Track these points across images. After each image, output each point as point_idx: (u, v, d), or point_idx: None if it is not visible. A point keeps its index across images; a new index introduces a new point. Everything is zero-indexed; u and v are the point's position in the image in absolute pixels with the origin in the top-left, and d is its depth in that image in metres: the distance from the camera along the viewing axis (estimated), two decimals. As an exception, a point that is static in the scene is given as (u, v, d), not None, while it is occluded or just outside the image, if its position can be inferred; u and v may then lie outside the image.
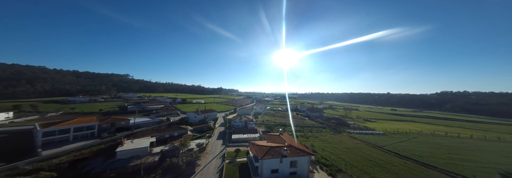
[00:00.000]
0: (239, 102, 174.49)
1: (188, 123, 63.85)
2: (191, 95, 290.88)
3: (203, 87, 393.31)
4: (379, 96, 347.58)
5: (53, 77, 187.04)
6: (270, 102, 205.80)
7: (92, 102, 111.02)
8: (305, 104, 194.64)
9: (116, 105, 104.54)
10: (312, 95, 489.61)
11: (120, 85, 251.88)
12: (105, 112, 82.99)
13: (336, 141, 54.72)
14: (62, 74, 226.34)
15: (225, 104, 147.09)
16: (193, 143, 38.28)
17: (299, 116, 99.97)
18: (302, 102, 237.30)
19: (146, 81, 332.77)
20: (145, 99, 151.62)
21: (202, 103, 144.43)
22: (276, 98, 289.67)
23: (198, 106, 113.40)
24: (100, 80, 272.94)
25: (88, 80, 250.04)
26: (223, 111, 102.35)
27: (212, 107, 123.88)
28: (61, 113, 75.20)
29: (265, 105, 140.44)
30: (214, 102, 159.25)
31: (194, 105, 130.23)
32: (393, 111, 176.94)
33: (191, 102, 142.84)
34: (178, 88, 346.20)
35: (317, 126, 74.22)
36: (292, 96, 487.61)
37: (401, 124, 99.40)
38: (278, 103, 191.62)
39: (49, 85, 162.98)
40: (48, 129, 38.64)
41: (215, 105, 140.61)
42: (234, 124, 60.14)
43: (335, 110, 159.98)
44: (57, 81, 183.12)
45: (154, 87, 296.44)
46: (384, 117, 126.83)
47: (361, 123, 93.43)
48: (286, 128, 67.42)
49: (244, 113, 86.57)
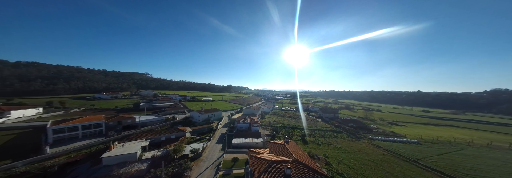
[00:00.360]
0: (247, 100, 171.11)
1: (191, 123, 62.19)
2: (201, 92, 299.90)
3: (214, 85, 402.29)
4: (408, 94, 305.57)
5: (85, 76, 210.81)
6: (280, 100, 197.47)
7: (113, 99, 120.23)
8: (317, 103, 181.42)
9: (132, 102, 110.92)
10: (325, 93, 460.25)
11: (139, 83, 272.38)
12: (120, 108, 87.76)
13: (355, 150, 46.11)
14: (93, 73, 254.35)
15: (233, 102, 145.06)
16: (188, 147, 35.12)
17: (311, 117, 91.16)
18: (314, 101, 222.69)
19: (162, 79, 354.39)
20: (159, 96, 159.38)
21: (210, 101, 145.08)
22: (286, 96, 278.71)
23: (204, 104, 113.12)
24: (123, 78, 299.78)
25: (114, 79, 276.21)
26: (229, 110, 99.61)
27: (220, 105, 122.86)
28: (83, 109, 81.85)
29: (274, 103, 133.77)
30: (222, 100, 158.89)
31: (202, 102, 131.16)
32: (425, 113, 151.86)
33: (200, 100, 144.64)
34: (190, 85, 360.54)
35: (332, 130, 65.34)
36: (304, 94, 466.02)
37: (439, 129, 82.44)
38: (288, 102, 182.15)
39: (81, 83, 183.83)
40: (57, 126, 39.93)
41: (223, 103, 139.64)
42: (237, 126, 55.93)
43: (352, 110, 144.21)
44: (88, 80, 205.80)
45: (168, 85, 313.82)
46: (414, 119, 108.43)
47: (386, 127, 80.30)
48: (295, 131, 60.64)
49: (250, 112, 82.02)
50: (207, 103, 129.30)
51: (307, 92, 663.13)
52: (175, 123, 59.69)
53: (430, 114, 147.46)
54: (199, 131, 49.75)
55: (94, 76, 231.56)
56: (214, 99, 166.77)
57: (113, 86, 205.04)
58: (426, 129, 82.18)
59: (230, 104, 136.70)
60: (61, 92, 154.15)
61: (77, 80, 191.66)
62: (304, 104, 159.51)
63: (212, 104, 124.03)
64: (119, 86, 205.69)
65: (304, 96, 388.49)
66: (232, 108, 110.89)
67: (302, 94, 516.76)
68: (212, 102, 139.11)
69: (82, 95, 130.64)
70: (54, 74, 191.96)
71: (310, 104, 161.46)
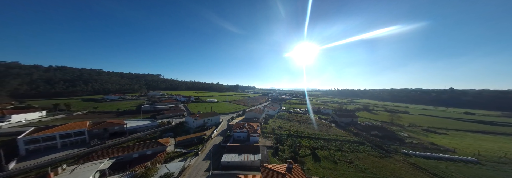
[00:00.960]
0: (253, 101, 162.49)
1: (185, 129, 55.72)
2: (208, 92, 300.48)
3: (221, 85, 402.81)
4: (438, 93, 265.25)
5: (102, 78, 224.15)
6: (287, 100, 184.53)
7: (120, 100, 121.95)
8: (330, 104, 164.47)
9: (137, 103, 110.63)
10: (338, 92, 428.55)
11: (150, 84, 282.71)
12: (122, 111, 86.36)
13: (387, 172, 34.12)
14: (110, 76, 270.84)
15: (237, 103, 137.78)
16: (163, 169, 27.61)
17: (323, 121, 78.68)
18: (326, 101, 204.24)
19: (172, 80, 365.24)
20: (166, 97, 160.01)
21: (214, 102, 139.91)
22: (294, 96, 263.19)
23: (206, 106, 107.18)
24: (137, 80, 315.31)
25: (128, 80, 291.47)
26: (231, 112, 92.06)
27: (223, 106, 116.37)
28: (86, 111, 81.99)
29: (280, 105, 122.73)
30: (227, 101, 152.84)
31: (205, 104, 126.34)
32: (468, 116, 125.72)
33: (205, 101, 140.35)
34: (198, 86, 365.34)
35: (351, 140, 53.04)
36: (314, 93, 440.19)
37: (496, 139, 63.38)
38: (297, 102, 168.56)
39: (98, 85, 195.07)
40: (29, 137, 36.02)
41: (227, 104, 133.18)
42: (234, 135, 47.52)
43: (372, 112, 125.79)
44: (105, 82, 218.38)
45: (177, 86, 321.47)
46: (456, 125, 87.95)
47: (420, 135, 64.46)
48: (303, 140, 50.02)
49: (252, 116, 73.18)
50: (209, 104, 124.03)
51: (318, 90, 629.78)
52: (166, 130, 53.70)
53: (475, 116, 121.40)
54: (187, 141, 42.48)
55: (110, 78, 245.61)
56: (219, 99, 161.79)
57: (126, 87, 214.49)
58: (478, 138, 63.88)
59: (234, 105, 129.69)
60: (79, 93, 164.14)
61: (95, 82, 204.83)
62: (315, 105, 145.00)
63: (216, 105, 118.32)
64: (131, 87, 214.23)
65: (314, 95, 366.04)
66: (235, 109, 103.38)
67: (312, 92, 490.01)
68: (216, 103, 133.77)
69: (93, 96, 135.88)
70: (76, 77, 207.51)
71: (321, 105, 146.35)
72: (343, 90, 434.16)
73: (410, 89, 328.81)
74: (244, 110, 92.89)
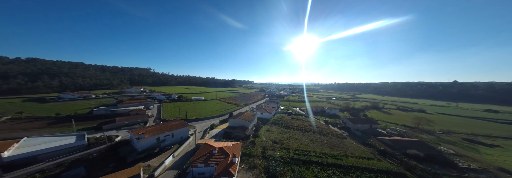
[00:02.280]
0: (247, 99, 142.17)
1: (129, 151, 35.48)
2: (202, 88, 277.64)
3: (216, 80, 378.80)
4: (445, 86, 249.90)
5: (74, 72, 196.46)
6: (286, 97, 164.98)
7: (81, 99, 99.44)
8: (333, 101, 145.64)
9: (99, 104, 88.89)
10: (338, 86, 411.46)
11: (135, 79, 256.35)
12: (64, 116, 64.67)
13: None
14: (87, 69, 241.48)
15: (228, 102, 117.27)
16: None
17: (332, 129, 59.69)
18: (328, 97, 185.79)
19: (162, 74, 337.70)
20: (144, 94, 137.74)
21: (201, 100, 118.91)
22: (293, 91, 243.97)
23: (186, 107, 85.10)
24: (122, 74, 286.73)
25: (110, 75, 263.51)
26: (213, 117, 71.89)
27: (208, 107, 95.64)
28: (7, 118, 59.87)
29: (278, 104, 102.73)
30: (216, 98, 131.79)
31: (190, 103, 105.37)
32: (493, 114, 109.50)
33: (189, 99, 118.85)
34: (191, 81, 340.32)
35: (381, 169, 34.11)
36: (313, 88, 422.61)
37: None
38: (296, 99, 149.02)
39: (68, 79, 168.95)
40: None
41: (215, 103, 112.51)
42: (194, 171, 27.52)
43: (383, 110, 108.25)
44: (78, 76, 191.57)
45: (167, 81, 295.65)
46: (491, 128, 70.34)
47: (469, 150, 46.50)
48: (309, 171, 30.96)
49: (239, 124, 53.27)
50: (193, 104, 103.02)
51: (318, 84, 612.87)
52: (103, 156, 33.19)
53: (502, 115, 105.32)
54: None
55: (86, 72, 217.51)
56: (208, 97, 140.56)
57: (103, 82, 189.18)
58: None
59: (223, 104, 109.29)
60: (42, 90, 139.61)
61: (65, 77, 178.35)
62: (317, 103, 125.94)
63: (200, 106, 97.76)
64: (109, 83, 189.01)
65: (314, 89, 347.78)
66: (222, 112, 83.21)
67: (312, 87, 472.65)
68: (202, 102, 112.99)
69: (44, 95, 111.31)
70: (41, 71, 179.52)
71: (324, 103, 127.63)
72: (343, 83, 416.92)
73: (415, 82, 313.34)
74: (231, 113, 72.41)
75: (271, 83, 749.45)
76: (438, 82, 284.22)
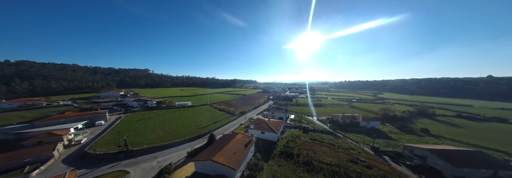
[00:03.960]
0: (246, 102, 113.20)
1: None
2: (199, 89, 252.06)
3: (216, 80, 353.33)
4: (489, 82, 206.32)
5: (54, 75, 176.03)
6: (295, 98, 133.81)
7: (22, 110, 74.16)
8: (356, 104, 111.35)
9: (43, 115, 63.54)
10: (349, 84, 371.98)
11: (125, 81, 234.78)
12: None
13: None
14: (75, 71, 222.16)
15: (221, 108, 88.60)
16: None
17: (394, 168, 29.18)
18: (348, 98, 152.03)
19: (157, 75, 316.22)
20: (115, 100, 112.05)
21: (187, 107, 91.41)
22: (302, 91, 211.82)
23: (158, 119, 56.08)
24: (115, 75, 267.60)
25: (102, 76, 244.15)
26: (182, 143, 43.53)
27: (194, 116, 66.06)
28: None
29: (286, 112, 70.21)
30: (207, 104, 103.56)
31: (170, 112, 78.09)
32: None
33: (172, 106, 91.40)
34: (189, 82, 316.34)
35: None
36: (322, 87, 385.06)
37: None
38: (305, 102, 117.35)
39: (45, 83, 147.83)
40: None
41: (204, 110, 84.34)
42: None
43: (437, 119, 75.18)
44: (59, 78, 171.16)
45: (162, 82, 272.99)
46: None
47: None
48: None
49: (213, 172, 24.12)
50: (170, 114, 75.24)
51: (325, 83, 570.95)
52: None
53: None
54: None
55: (65, 74, 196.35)
56: (200, 101, 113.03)
57: (85, 85, 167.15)
58: None
59: (214, 111, 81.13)
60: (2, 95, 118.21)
61: (42, 79, 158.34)
62: (335, 107, 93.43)
63: (182, 115, 70.26)
64: (91, 85, 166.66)
65: (323, 89, 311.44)
66: (202, 129, 54.73)
67: (319, 85, 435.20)
68: (188, 109, 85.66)
69: None
70: (13, 73, 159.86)
71: (348, 109, 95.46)
72: (355, 81, 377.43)
73: (447, 78, 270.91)
74: (212, 135, 42.86)
75: (274, 83, 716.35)
76: (478, 78, 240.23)
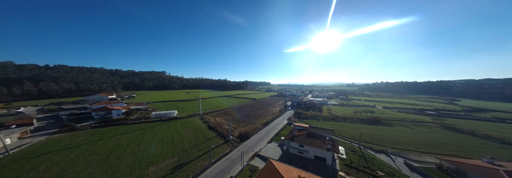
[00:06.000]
0: (255, 111, 77.48)
1: None
2: (207, 91, 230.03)
3: (227, 82, 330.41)
4: None
5: (65, 76, 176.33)
6: (324, 105, 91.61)
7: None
8: (446, 121, 59.67)
9: None
10: (388, 86, 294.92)
11: (132, 83, 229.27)
12: None
13: None
14: (89, 73, 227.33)
15: (213, 124, 55.80)
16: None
17: None
18: (413, 107, 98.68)
19: (169, 77, 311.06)
20: (84, 106, 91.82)
21: (166, 120, 62.02)
22: (329, 96, 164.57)
23: (75, 150, 26.10)
24: (131, 77, 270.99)
25: (119, 78, 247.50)
26: None
27: (157, 144, 35.58)
28: None
29: (331, 145, 30.52)
30: (200, 114, 72.06)
31: (126, 133, 49.48)
32: None
33: (144, 119, 63.55)
34: (197, 83, 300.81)
35: None
36: (349, 89, 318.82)
37: None
38: (359, 112, 72.38)
39: (46, 84, 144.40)
40: None
41: (191, 125, 52.76)
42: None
43: None
44: (70, 80, 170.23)
45: (170, 84, 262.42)
46: None
47: None
48: None
49: None
50: (127, 134, 45.66)
51: (352, 85, 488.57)
52: None
53: None
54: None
55: (78, 76, 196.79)
56: (189, 109, 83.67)
57: (87, 87, 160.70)
58: None
59: (200, 129, 48.83)
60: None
61: (51, 82, 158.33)
62: (419, 135, 47.23)
63: (150, 136, 40.28)
64: (90, 87, 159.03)
65: (355, 92, 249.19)
66: None
67: (345, 88, 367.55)
68: (166, 124, 56.13)
69: None
70: (31, 75, 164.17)
71: (433, 128, 49.94)
72: (396, 83, 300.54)
73: None
74: None
75: (290, 85, 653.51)
76: None
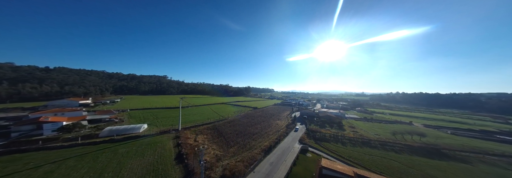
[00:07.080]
0: (253, 126, 54.76)
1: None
2: (205, 97, 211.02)
3: (228, 87, 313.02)
4: None
5: (54, 78, 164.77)
6: (342, 119, 66.55)
7: None
8: None
9: None
10: (405, 97, 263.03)
11: (126, 86, 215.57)
12: None
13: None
14: (85, 75, 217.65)
15: (197, 142, 34.14)
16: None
17: None
18: (449, 126, 70.57)
19: (168, 81, 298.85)
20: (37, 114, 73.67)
21: (121, 140, 41.10)
22: (343, 107, 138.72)
23: None
24: (129, 81, 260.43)
25: (116, 81, 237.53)
26: None
27: None
28: None
29: None
30: (179, 129, 50.69)
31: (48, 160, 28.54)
32: None
33: (89, 139, 43.10)
34: (197, 88, 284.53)
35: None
36: (358, 99, 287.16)
37: None
38: None
39: (24, 86, 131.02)
40: None
41: (152, 150, 31.27)
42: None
43: None
44: (60, 81, 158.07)
45: (167, 88, 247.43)
46: None
47: None
48: None
49: None
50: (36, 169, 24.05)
51: (362, 94, 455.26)
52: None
53: None
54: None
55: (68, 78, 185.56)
56: (172, 120, 62.70)
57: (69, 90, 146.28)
58: None
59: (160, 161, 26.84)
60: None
61: (35, 83, 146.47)
62: None
63: (100, 163, 19.07)
64: (73, 90, 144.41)
65: (369, 103, 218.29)
66: None
67: (354, 97, 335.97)
68: (123, 146, 34.72)
69: None
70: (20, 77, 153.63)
71: None
72: (415, 94, 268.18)
73: None
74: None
75: (294, 92, 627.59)
76: None
